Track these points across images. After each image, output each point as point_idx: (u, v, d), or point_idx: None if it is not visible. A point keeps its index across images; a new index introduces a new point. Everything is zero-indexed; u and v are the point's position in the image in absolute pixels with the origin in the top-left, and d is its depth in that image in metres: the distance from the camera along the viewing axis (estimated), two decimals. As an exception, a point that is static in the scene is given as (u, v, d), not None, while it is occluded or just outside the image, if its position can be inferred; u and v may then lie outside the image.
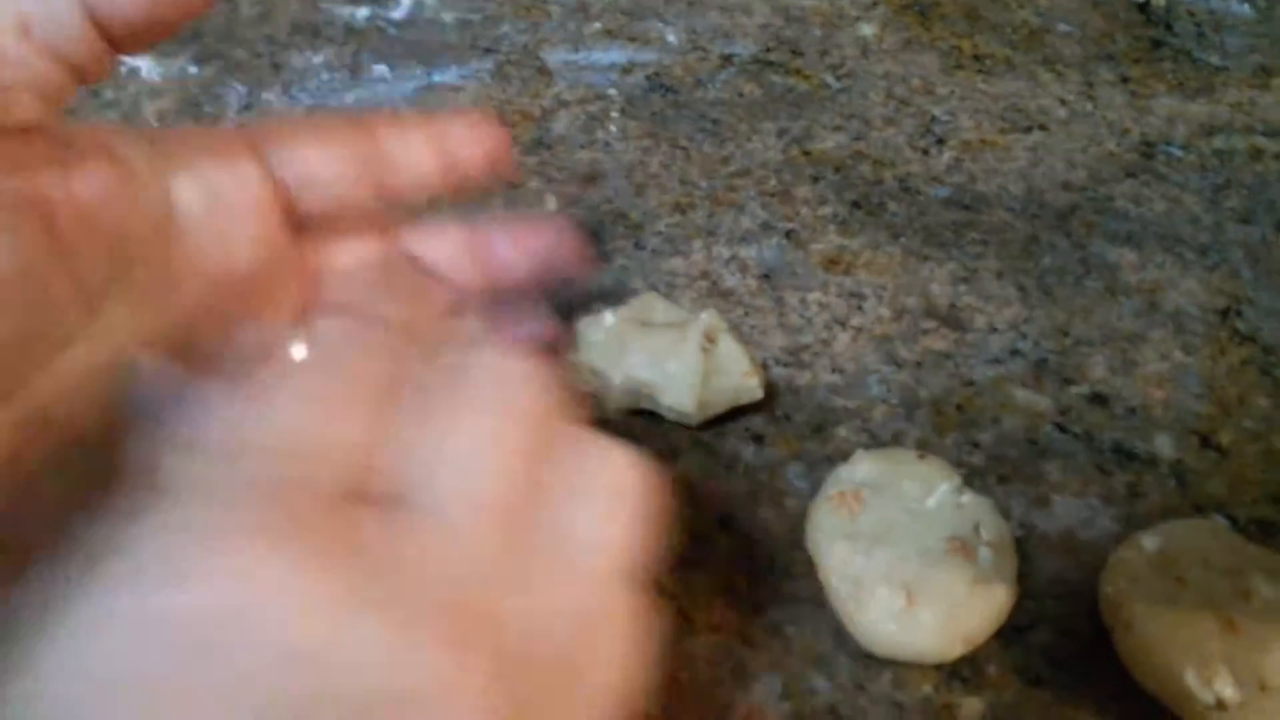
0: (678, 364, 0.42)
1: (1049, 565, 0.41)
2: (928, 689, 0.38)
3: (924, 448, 0.43)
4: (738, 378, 0.43)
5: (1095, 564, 0.40)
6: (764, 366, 0.46)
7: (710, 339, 0.43)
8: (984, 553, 0.38)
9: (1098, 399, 0.45)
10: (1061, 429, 0.44)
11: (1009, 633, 0.39)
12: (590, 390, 0.44)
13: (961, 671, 0.39)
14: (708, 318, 0.43)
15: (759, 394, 0.43)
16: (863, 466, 0.41)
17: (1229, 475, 0.43)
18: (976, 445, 0.44)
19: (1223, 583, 0.37)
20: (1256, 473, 0.43)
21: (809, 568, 0.40)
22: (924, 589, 0.37)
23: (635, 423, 0.45)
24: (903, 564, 0.38)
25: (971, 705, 0.38)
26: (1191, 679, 0.35)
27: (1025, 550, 0.41)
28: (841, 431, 0.45)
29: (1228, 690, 0.35)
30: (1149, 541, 0.39)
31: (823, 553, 0.39)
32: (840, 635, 0.39)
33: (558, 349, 0.33)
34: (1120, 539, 0.40)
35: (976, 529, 0.39)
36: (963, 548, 0.38)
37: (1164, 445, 0.44)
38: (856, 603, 0.38)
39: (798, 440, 0.45)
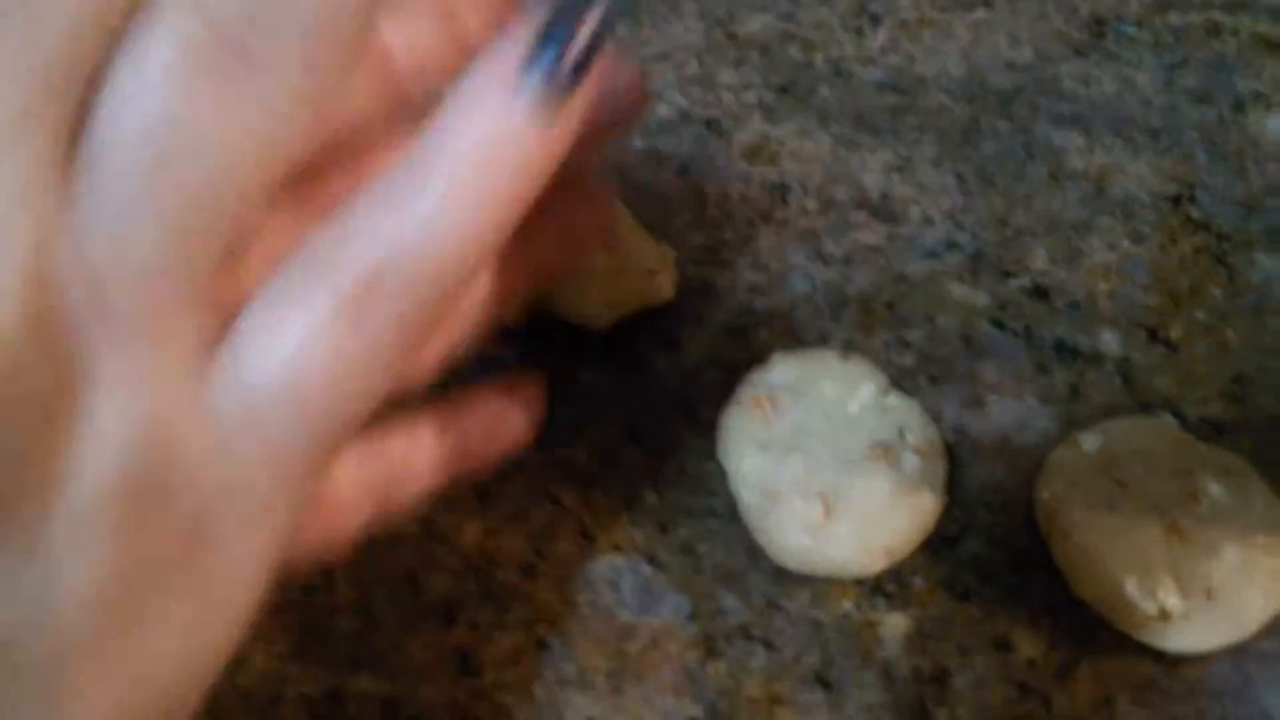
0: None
1: (982, 471, 0.38)
2: (848, 605, 0.35)
3: (850, 349, 0.39)
4: (644, 276, 0.39)
5: (1032, 469, 0.37)
6: (679, 266, 0.42)
7: (614, 233, 0.38)
8: (909, 459, 0.35)
9: (1039, 292, 0.42)
10: (999, 325, 0.41)
11: (937, 544, 0.36)
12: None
13: (885, 586, 0.35)
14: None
15: (669, 294, 0.40)
16: (780, 369, 0.37)
17: (1178, 371, 0.40)
18: (907, 345, 0.40)
19: (1168, 484, 0.34)
20: (1207, 368, 0.40)
21: (723, 481, 0.37)
22: (842, 499, 0.34)
23: (535, 329, 0.41)
24: (819, 472, 0.34)
25: (895, 622, 0.35)
26: (1133, 588, 0.32)
27: (957, 456, 0.38)
28: (762, 334, 0.41)
29: (1172, 600, 0.32)
30: (1088, 441, 0.35)
31: (734, 463, 0.36)
32: (755, 552, 0.36)
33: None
34: (1060, 442, 0.37)
35: (902, 434, 0.36)
36: (885, 454, 0.35)
37: (1109, 341, 0.40)
38: (768, 515, 0.34)
39: (714, 344, 0.41)
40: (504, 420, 0.28)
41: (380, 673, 0.34)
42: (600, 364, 0.40)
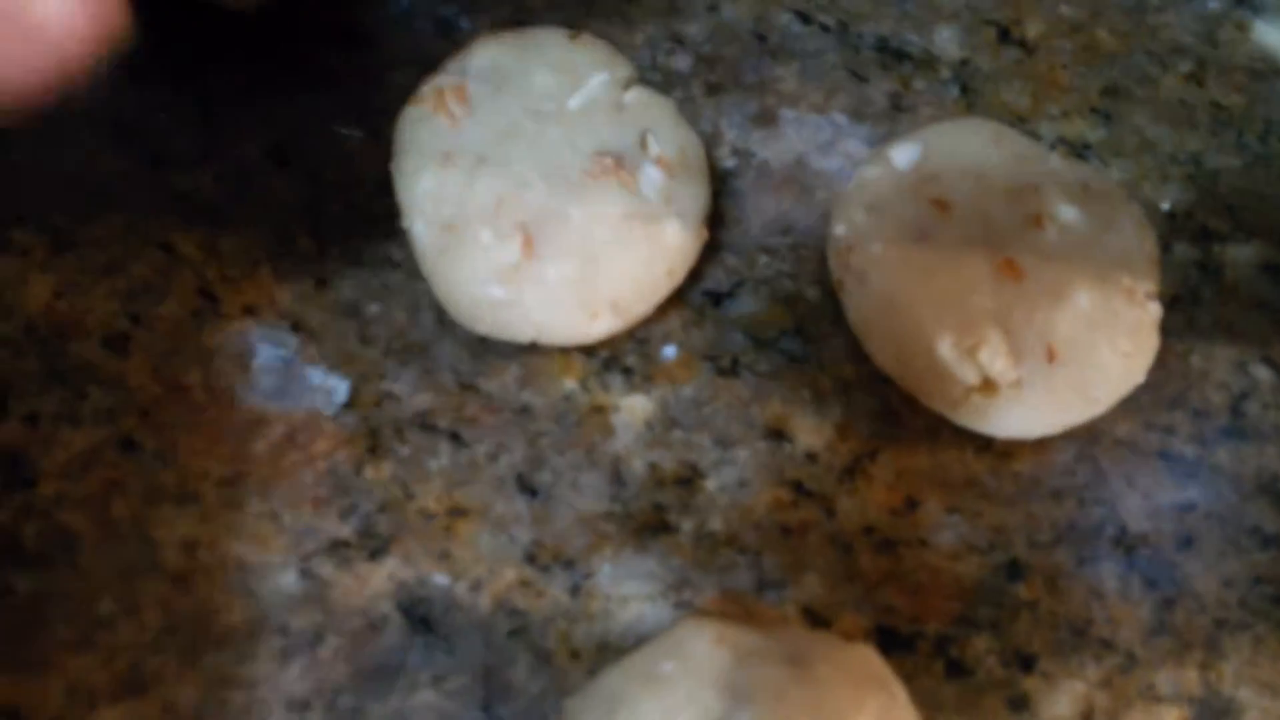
0: (185, -107, 0.26)
1: (767, 206, 0.27)
2: (570, 385, 0.25)
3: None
4: (293, -79, 0.27)
5: (832, 204, 0.27)
6: (369, -70, 0.30)
7: None
8: (650, 174, 0.24)
9: (861, -24, 0.31)
10: (805, 19, 0.30)
11: (699, 302, 0.26)
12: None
13: (624, 359, 0.26)
14: None
15: (337, -45, 0.28)
16: (483, 53, 0.26)
17: (1033, 79, 0.30)
18: (680, 41, 0.30)
19: (1004, 207, 0.24)
20: (1071, 76, 0.30)
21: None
22: (550, 230, 0.24)
23: (157, 17, 0.28)
24: (519, 193, 0.24)
25: (633, 406, 0.25)
26: (946, 349, 0.23)
27: (734, 187, 0.28)
28: (481, 24, 0.29)
29: (999, 363, 0.23)
30: (902, 154, 0.25)
31: (407, 184, 0.25)
32: (445, 316, 0.26)
33: None
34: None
35: (643, 142, 0.25)
36: (616, 167, 0.24)
37: (947, 40, 0.30)
38: (448, 256, 0.24)
39: (413, 38, 0.29)
40: None
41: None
42: (241, 59, 0.28)
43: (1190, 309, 0.27)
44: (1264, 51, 0.31)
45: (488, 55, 0.26)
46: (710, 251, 0.26)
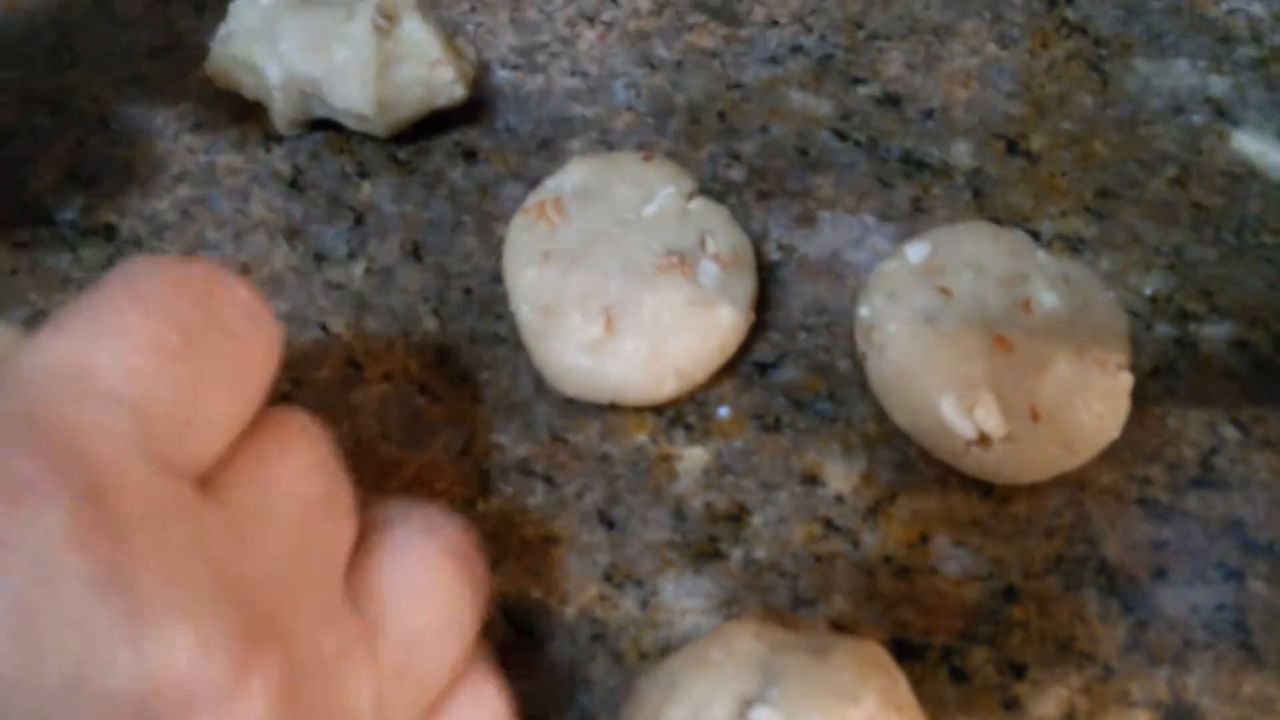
0: (345, 49, 0.33)
1: (806, 292, 0.33)
2: (641, 438, 0.31)
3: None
4: (426, 68, 0.34)
5: (860, 289, 0.32)
6: (483, 68, 0.37)
7: (389, 17, 0.33)
8: (708, 268, 0.30)
9: (889, 100, 0.37)
10: (841, 136, 0.36)
11: (748, 370, 0.32)
12: (253, 98, 0.35)
13: (686, 418, 0.31)
14: (390, -8, 0.34)
15: (459, 92, 0.34)
16: (573, 172, 0.32)
17: (1036, 184, 0.35)
18: (736, 158, 0.36)
19: (998, 294, 0.30)
20: (1070, 181, 0.35)
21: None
22: (627, 313, 0.30)
23: (314, 139, 0.36)
24: (603, 284, 0.30)
25: (693, 455, 0.31)
26: (949, 408, 0.28)
27: (780, 276, 0.33)
28: (575, 145, 0.36)
29: (991, 420, 0.28)
30: (915, 250, 0.31)
31: (513, 277, 0.31)
32: (543, 384, 0.32)
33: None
34: (892, 257, 0.33)
35: (702, 241, 0.31)
36: (681, 263, 0.30)
37: (962, 152, 0.36)
38: (546, 334, 0.30)
39: (519, 156, 0.36)
40: None
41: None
42: (384, 175, 0.35)
43: (1168, 378, 0.32)
44: (1242, 157, 0.36)
45: (579, 174, 0.32)
46: (758, 329, 0.32)
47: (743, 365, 0.32)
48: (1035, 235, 0.34)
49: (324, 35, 0.33)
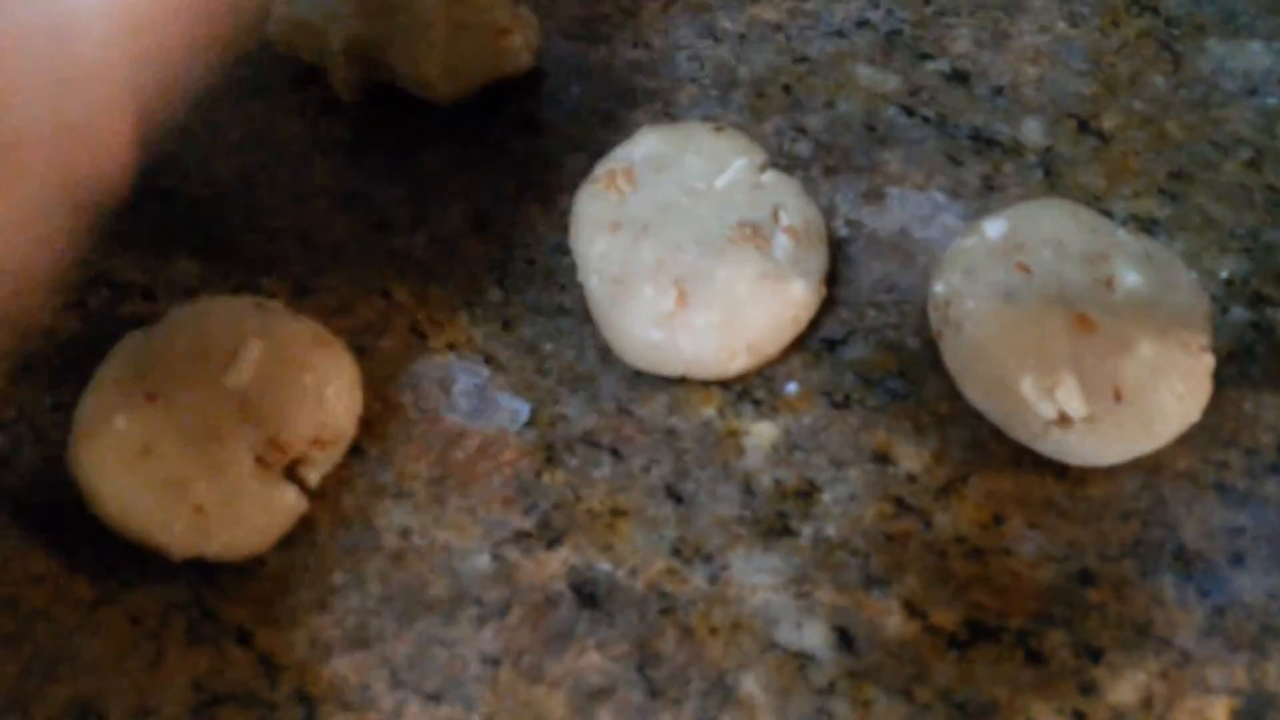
0: (412, 14, 0.32)
1: (875, 269, 0.33)
2: (709, 413, 0.31)
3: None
4: (492, 36, 0.33)
5: (931, 267, 0.32)
6: (547, 37, 0.36)
7: (455, -17, 0.33)
8: (781, 241, 0.30)
9: (958, 77, 0.36)
10: (909, 112, 0.36)
11: (817, 347, 0.31)
12: (313, 62, 0.35)
13: (754, 393, 0.31)
14: (458, -40, 0.33)
15: (525, 62, 0.34)
16: (643, 142, 0.32)
17: (1109, 164, 0.35)
18: (803, 131, 0.35)
19: (1079, 272, 0.29)
20: (1143, 161, 0.35)
21: (576, 276, 0.32)
22: (699, 286, 0.29)
23: (374, 107, 0.35)
24: (675, 255, 0.30)
25: (761, 431, 0.30)
26: (1029, 388, 0.28)
27: (849, 253, 0.33)
28: (638, 116, 0.35)
29: (1073, 401, 0.28)
30: (993, 226, 0.30)
31: (582, 248, 0.31)
32: (608, 355, 0.31)
33: None
34: (964, 235, 0.32)
35: (775, 214, 0.31)
36: (754, 235, 0.30)
37: (1033, 130, 0.35)
38: (615, 306, 0.30)
39: (582, 127, 0.35)
40: None
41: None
42: (445, 143, 0.35)
43: (1244, 363, 0.31)
44: (1317, 141, 0.35)
45: (649, 144, 0.32)
46: (828, 305, 0.32)
47: (810, 341, 0.31)
48: (1108, 215, 0.33)
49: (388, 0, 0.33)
